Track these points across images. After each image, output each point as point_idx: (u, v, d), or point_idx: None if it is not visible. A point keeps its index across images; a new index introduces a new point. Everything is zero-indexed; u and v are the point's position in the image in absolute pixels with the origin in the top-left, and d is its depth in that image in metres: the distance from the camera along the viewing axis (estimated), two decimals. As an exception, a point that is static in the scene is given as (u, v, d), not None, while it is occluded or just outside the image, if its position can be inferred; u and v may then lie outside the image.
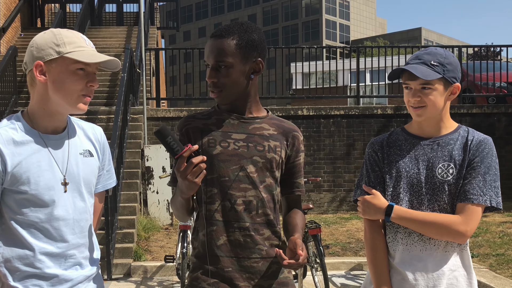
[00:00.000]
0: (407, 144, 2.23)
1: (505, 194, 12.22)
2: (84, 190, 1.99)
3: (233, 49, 2.03)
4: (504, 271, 6.53)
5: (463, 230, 2.07)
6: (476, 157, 2.13)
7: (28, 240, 1.87)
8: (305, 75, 20.19)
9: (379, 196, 2.18)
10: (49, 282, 1.89)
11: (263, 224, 2.07)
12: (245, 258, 2.03)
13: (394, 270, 2.19)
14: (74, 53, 1.88)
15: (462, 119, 11.19)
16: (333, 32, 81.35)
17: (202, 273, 2.05)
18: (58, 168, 1.92)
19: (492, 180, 2.14)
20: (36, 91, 1.92)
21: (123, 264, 7.29)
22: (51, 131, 1.94)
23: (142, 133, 10.37)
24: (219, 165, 2.04)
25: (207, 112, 2.17)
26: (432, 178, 2.15)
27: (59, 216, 1.91)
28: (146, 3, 15.39)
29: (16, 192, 1.86)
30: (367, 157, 2.29)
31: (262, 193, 2.06)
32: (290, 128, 2.19)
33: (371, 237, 2.22)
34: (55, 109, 1.92)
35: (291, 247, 1.97)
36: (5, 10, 14.64)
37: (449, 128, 2.22)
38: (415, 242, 2.15)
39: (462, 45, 14.12)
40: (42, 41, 1.92)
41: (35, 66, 1.89)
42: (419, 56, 2.16)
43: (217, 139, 2.07)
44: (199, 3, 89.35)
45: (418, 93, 2.13)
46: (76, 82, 1.89)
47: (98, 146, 2.09)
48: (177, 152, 1.89)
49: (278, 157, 2.11)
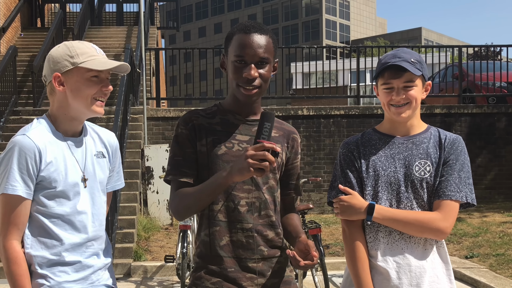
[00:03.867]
0: (382, 143, 2.24)
1: (505, 194, 12.20)
2: (99, 187, 2.21)
3: (272, 46, 2.04)
4: (504, 271, 6.53)
5: (442, 226, 2.11)
6: (451, 154, 2.18)
7: (55, 231, 2.07)
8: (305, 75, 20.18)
9: (357, 196, 2.18)
10: (73, 268, 2.10)
11: (266, 225, 2.07)
12: (247, 259, 2.04)
13: (375, 271, 2.18)
14: (87, 63, 2.08)
15: (462, 119, 11.18)
16: (333, 32, 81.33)
17: (205, 272, 2.05)
18: (79, 167, 2.14)
19: (466, 177, 2.18)
20: (56, 99, 2.13)
21: (123, 264, 7.29)
22: (71, 134, 2.17)
23: (142, 133, 10.37)
24: (223, 166, 2.02)
25: (210, 110, 2.14)
26: (410, 176, 2.17)
27: (81, 210, 2.12)
28: (146, 3, 15.38)
29: (47, 188, 2.06)
30: (342, 157, 2.28)
31: (265, 195, 2.07)
32: (290, 130, 2.19)
33: (351, 238, 2.21)
34: (75, 114, 2.14)
35: (301, 248, 1.98)
36: (5, 10, 14.63)
37: (421, 127, 2.26)
38: (397, 240, 2.17)
39: (462, 45, 14.12)
40: (57, 54, 2.11)
41: (53, 78, 2.10)
42: (397, 55, 2.18)
43: (222, 140, 2.06)
44: (199, 3, 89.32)
45: (402, 91, 2.15)
46: (91, 88, 2.10)
47: (111, 149, 2.29)
48: (263, 138, 1.83)
49: (280, 159, 2.11)
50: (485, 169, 11.15)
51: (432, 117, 11.07)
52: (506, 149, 11.23)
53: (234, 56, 2.01)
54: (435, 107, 11.29)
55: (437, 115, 11.12)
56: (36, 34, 16.05)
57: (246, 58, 1.99)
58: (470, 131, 11.16)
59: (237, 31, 2.04)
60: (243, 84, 2.00)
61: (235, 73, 2.01)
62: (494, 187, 11.08)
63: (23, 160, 2.01)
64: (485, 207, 10.28)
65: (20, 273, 2.00)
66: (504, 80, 11.94)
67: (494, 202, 10.81)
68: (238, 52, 2.00)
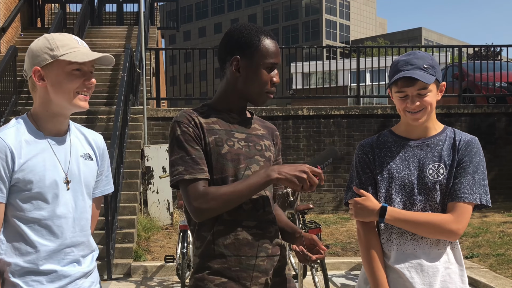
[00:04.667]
0: (397, 146, 2.26)
1: (505, 194, 12.19)
2: (84, 191, 2.06)
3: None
4: (504, 271, 6.53)
5: (455, 228, 2.13)
6: (465, 156, 2.19)
7: (30, 237, 1.93)
8: (305, 75, 20.18)
9: (371, 198, 2.20)
10: (48, 278, 1.95)
11: (268, 222, 2.09)
12: (252, 257, 2.03)
13: (389, 269, 2.21)
14: (68, 55, 1.96)
15: (462, 119, 11.18)
16: (333, 32, 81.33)
17: (208, 273, 2.02)
18: (61, 168, 2.00)
19: (480, 178, 2.18)
20: (38, 95, 2.01)
21: (123, 264, 7.29)
22: (55, 133, 2.03)
23: (142, 133, 10.37)
24: (227, 165, 2.04)
25: (201, 110, 2.13)
26: (423, 179, 2.19)
27: (61, 214, 1.98)
28: (146, 3, 15.38)
29: (22, 190, 1.92)
30: (357, 159, 2.31)
31: (266, 191, 2.10)
32: (273, 127, 2.27)
33: (366, 239, 2.24)
34: (58, 111, 2.00)
35: (308, 243, 2.05)
36: (5, 10, 14.64)
37: (437, 129, 2.29)
38: (408, 241, 2.19)
39: (462, 45, 14.11)
40: (37, 47, 1.99)
41: (33, 72, 1.98)
42: (410, 62, 2.18)
43: (223, 138, 2.07)
44: (199, 3, 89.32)
45: (417, 99, 2.17)
46: (73, 82, 1.97)
47: (98, 152, 2.16)
48: (322, 168, 2.01)
49: (272, 155, 2.17)
50: (485, 169, 11.14)
51: (432, 117, 11.06)
52: (506, 149, 11.23)
53: (268, 62, 2.07)
54: (435, 107, 11.28)
55: (437, 115, 10.85)
56: (36, 34, 16.03)
57: (275, 61, 2.10)
58: (470, 131, 11.15)
59: (263, 36, 2.08)
60: (269, 89, 2.10)
61: (265, 77, 2.08)
62: (494, 187, 11.07)
63: None
64: (485, 207, 10.27)
65: None
66: (504, 80, 11.93)
67: (494, 202, 10.80)
68: (271, 58, 2.07)
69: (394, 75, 2.19)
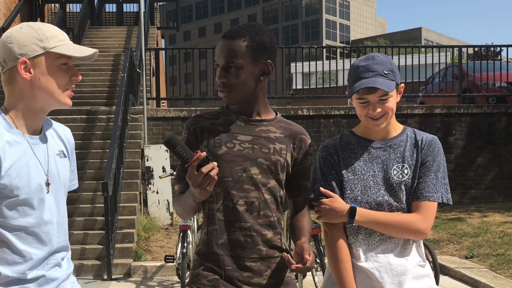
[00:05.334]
0: (360, 148, 2.27)
1: (505, 194, 12.18)
2: (63, 191, 1.95)
3: (244, 50, 2.05)
4: (504, 271, 6.53)
5: (422, 227, 2.16)
6: (428, 156, 2.21)
7: (17, 246, 1.80)
8: (305, 75, 20.20)
9: (339, 199, 2.20)
10: (36, 283, 1.85)
11: (265, 225, 2.08)
12: (244, 258, 2.06)
13: (357, 270, 2.20)
14: (59, 47, 1.83)
15: (462, 119, 11.18)
16: (333, 32, 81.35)
17: (203, 269, 2.08)
18: (42, 169, 1.86)
19: (442, 177, 2.21)
20: (17, 90, 1.83)
21: (123, 264, 7.29)
22: (32, 132, 1.87)
23: (142, 133, 10.37)
24: (223, 165, 2.05)
25: (215, 112, 2.19)
26: (389, 180, 2.20)
27: (47, 219, 1.86)
28: (146, 3, 15.39)
29: (7, 197, 1.77)
30: (322, 161, 2.28)
31: (265, 195, 2.08)
32: (298, 131, 2.20)
33: (333, 240, 2.22)
34: (40, 107, 1.86)
35: (298, 251, 2.00)
36: (5, 10, 14.64)
37: (397, 129, 2.28)
38: (376, 242, 2.20)
39: (462, 45, 14.12)
40: (23, 37, 1.81)
41: (20, 63, 1.80)
42: (369, 68, 2.16)
43: (223, 140, 2.09)
44: (199, 3, 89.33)
45: (378, 105, 2.16)
46: (62, 77, 1.84)
47: (69, 147, 2.04)
48: (187, 161, 1.91)
49: (283, 159, 2.12)
50: (485, 169, 11.15)
51: (432, 117, 11.07)
52: (506, 149, 11.23)
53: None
54: (435, 107, 11.29)
55: (437, 115, 11.11)
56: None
57: (218, 63, 2.10)
58: (470, 131, 11.16)
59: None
60: (218, 87, 2.12)
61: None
62: (494, 187, 11.08)
63: None
64: (485, 207, 10.28)
65: None
66: (504, 80, 11.93)
67: (494, 202, 10.82)
68: (215, 57, 2.12)
69: (354, 82, 2.17)
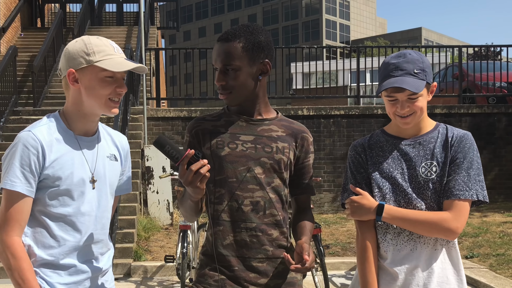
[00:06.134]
0: (389, 145, 2.24)
1: (505, 194, 12.17)
2: (108, 190, 2.16)
3: (240, 52, 2.06)
4: (504, 271, 6.53)
5: (453, 226, 2.08)
6: (458, 153, 2.15)
7: (54, 232, 2.02)
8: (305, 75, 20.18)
9: (368, 196, 2.17)
10: (67, 272, 2.04)
11: (271, 224, 2.09)
12: (250, 258, 2.06)
13: (383, 271, 2.18)
14: (103, 62, 2.01)
15: (462, 119, 11.18)
16: (333, 32, 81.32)
17: (209, 269, 2.08)
18: (88, 167, 2.09)
19: (475, 174, 2.14)
20: (70, 95, 2.08)
21: (123, 264, 7.29)
22: (84, 133, 2.11)
23: (142, 133, 10.37)
24: (227, 166, 2.06)
25: (217, 113, 2.20)
26: (416, 177, 2.16)
27: (85, 211, 2.07)
28: (146, 3, 15.39)
29: (50, 186, 2.00)
30: (351, 160, 2.28)
31: (270, 194, 2.08)
32: (299, 129, 2.20)
33: (362, 238, 2.21)
34: (89, 111, 2.08)
35: (298, 251, 1.99)
36: (5, 10, 14.64)
37: (429, 126, 2.25)
38: (405, 241, 2.15)
39: (462, 45, 14.11)
40: (74, 50, 2.05)
41: (68, 74, 2.04)
42: (399, 66, 2.13)
43: (225, 141, 2.10)
44: (199, 3, 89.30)
45: (407, 103, 2.13)
46: (105, 88, 2.03)
47: (123, 153, 2.26)
48: (177, 160, 1.93)
49: (286, 158, 2.12)
50: (485, 169, 11.06)
51: (432, 117, 10.88)
52: (506, 149, 11.23)
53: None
54: (435, 107, 11.29)
55: (437, 115, 11.11)
56: (36, 34, 16.05)
57: (215, 66, 2.11)
58: (470, 131, 11.00)
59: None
60: (218, 90, 2.13)
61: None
62: (494, 187, 11.08)
63: (26, 156, 1.96)
64: (485, 207, 10.28)
65: (26, 267, 1.95)
66: (504, 80, 11.94)
67: (494, 202, 10.81)
68: (212, 61, 2.13)
69: (384, 80, 2.15)
